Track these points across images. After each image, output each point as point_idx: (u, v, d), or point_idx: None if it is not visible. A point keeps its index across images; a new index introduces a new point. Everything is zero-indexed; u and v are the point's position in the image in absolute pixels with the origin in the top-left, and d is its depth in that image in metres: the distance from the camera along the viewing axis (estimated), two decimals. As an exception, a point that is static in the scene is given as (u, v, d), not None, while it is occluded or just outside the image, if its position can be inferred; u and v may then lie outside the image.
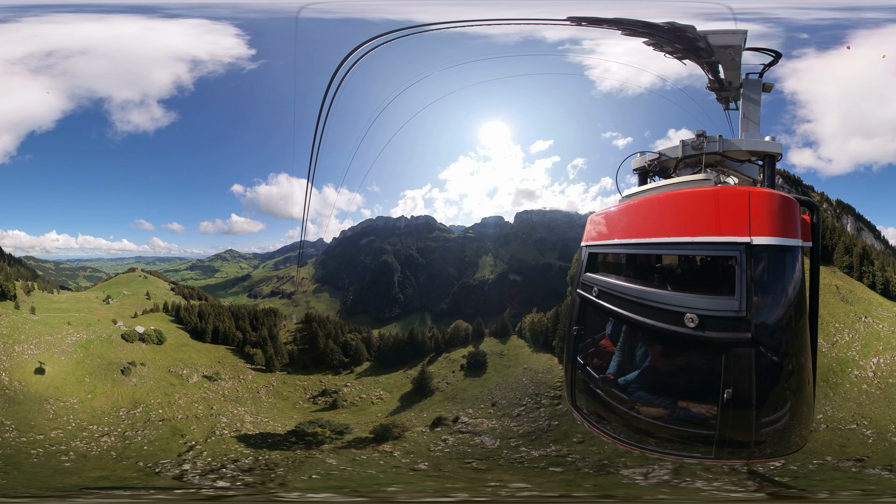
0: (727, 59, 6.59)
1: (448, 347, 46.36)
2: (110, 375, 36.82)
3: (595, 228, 6.71)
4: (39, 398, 32.40)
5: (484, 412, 35.15)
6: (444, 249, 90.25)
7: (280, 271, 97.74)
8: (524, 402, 35.62)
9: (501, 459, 27.39)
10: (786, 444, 4.96)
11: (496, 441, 30.16)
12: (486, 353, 43.81)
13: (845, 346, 35.64)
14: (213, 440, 31.43)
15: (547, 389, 36.41)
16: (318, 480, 24.05)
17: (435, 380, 41.59)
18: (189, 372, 40.75)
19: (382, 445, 29.64)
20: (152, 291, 58.70)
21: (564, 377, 7.20)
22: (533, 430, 31.65)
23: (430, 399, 38.95)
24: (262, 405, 38.24)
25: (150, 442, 30.41)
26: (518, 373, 40.29)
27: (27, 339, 37.35)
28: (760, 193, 4.88)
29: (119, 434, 30.84)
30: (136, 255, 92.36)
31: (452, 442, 30.60)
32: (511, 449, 28.92)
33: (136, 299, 55.65)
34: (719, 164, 6.62)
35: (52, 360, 36.21)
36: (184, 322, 48.76)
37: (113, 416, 33.03)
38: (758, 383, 4.70)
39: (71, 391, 34.12)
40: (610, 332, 6.48)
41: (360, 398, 40.16)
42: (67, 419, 31.38)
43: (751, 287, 4.68)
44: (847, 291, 40.40)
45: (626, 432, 5.91)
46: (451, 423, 33.12)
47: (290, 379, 43.35)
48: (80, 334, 40.72)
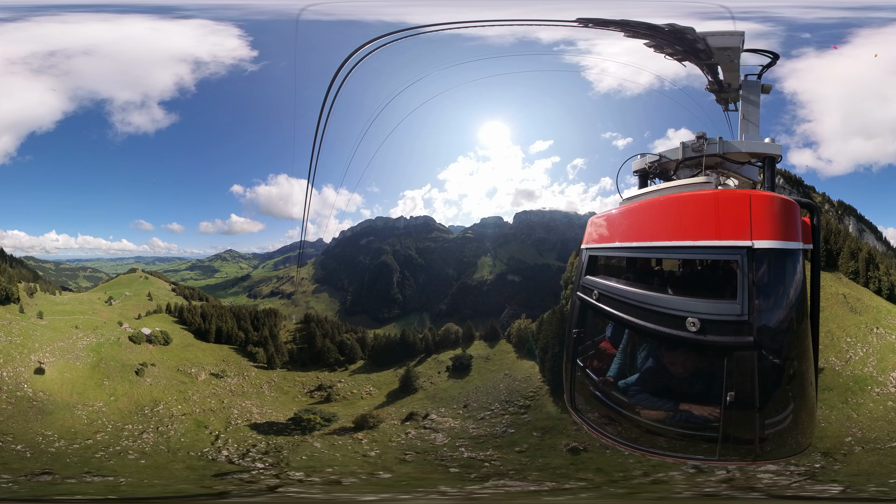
0: (726, 60, 6.59)
1: (438, 349, 47.68)
2: (126, 377, 39.09)
3: (595, 231, 6.70)
4: (67, 405, 34.22)
5: (454, 412, 37.19)
6: (443, 250, 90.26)
7: (280, 271, 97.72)
8: (493, 407, 37.37)
9: (433, 457, 30.43)
10: (790, 446, 4.96)
11: (446, 439, 32.77)
12: (472, 357, 45.35)
13: (860, 362, 34.85)
14: (231, 429, 35.40)
15: (518, 398, 38.01)
16: (304, 461, 28.70)
17: (420, 379, 43.37)
18: (197, 370, 43.10)
19: (358, 434, 33.80)
20: (153, 292, 59.25)
21: (564, 380, 7.19)
22: (486, 434, 33.85)
23: (412, 396, 40.97)
24: (266, 399, 40.77)
25: (183, 434, 34.15)
26: (498, 378, 41.78)
27: (41, 347, 38.63)
28: (761, 197, 4.88)
29: (154, 430, 34.07)
30: (135, 256, 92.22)
31: (412, 435, 33.70)
32: (452, 449, 31.50)
33: (139, 300, 56.39)
34: (719, 166, 6.61)
35: (69, 366, 37.75)
36: (187, 323, 50.37)
37: (139, 414, 35.67)
38: (760, 386, 4.70)
39: (94, 395, 36.17)
40: (610, 335, 6.47)
41: (351, 393, 42.32)
42: (102, 422, 33.74)
43: (752, 291, 4.68)
44: (854, 300, 39.87)
45: (626, 435, 5.91)
46: (420, 419, 35.84)
47: (290, 375, 45.52)
48: (90, 338, 42.22)
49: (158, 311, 52.67)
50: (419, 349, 48.01)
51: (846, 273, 43.26)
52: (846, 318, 38.22)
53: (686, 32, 6.29)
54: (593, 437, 6.50)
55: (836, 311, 38.80)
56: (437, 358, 46.56)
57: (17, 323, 40.74)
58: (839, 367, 34.54)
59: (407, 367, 44.40)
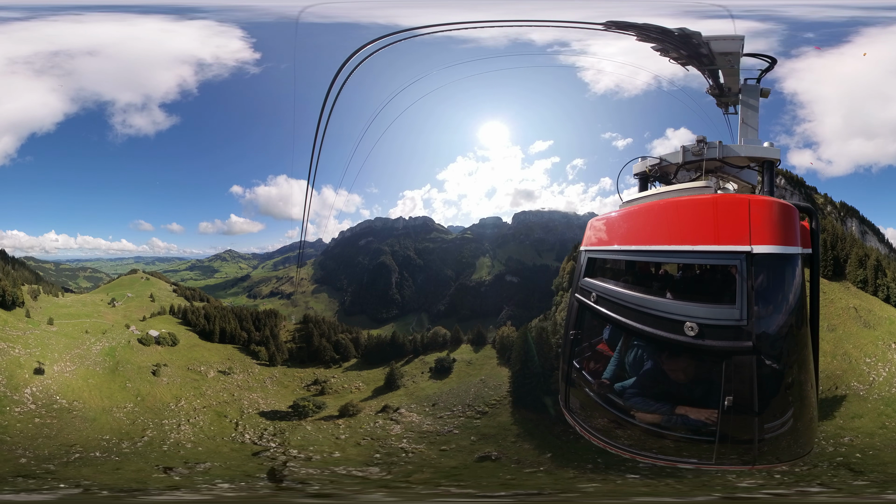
0: (727, 66, 6.61)
1: (426, 351, 50.29)
2: (145, 378, 42.24)
3: (595, 234, 6.69)
4: (103, 409, 36.83)
5: (421, 409, 40.39)
6: (441, 250, 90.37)
7: (279, 272, 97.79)
8: (455, 409, 39.94)
9: (379, 444, 35.25)
10: (789, 451, 4.95)
11: (399, 431, 37.00)
12: (455, 360, 47.82)
13: (885, 383, 34.41)
14: (245, 417, 40.23)
15: (481, 404, 40.16)
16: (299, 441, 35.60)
17: (404, 378, 46.46)
18: (206, 369, 46.48)
19: (339, 420, 39.11)
20: (155, 293, 60.42)
21: (559, 381, 7.18)
22: (432, 431, 36.97)
23: (394, 392, 44.27)
24: (269, 392, 44.97)
25: (210, 424, 38.47)
26: (473, 382, 43.90)
27: (60, 356, 40.67)
28: (760, 202, 4.88)
29: (186, 422, 38.03)
30: (135, 256, 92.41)
31: (377, 425, 38.20)
32: (397, 439, 35.80)
33: (141, 302, 57.83)
34: (719, 170, 6.62)
35: (91, 372, 40.16)
36: (191, 324, 52.79)
37: (167, 410, 39.16)
38: (759, 392, 4.70)
39: (122, 398, 39.06)
40: (607, 338, 6.47)
41: (342, 387, 46.22)
42: (143, 421, 37.03)
43: (752, 296, 4.67)
44: (866, 312, 39.53)
45: (620, 438, 5.89)
46: (391, 412, 39.81)
47: (290, 371, 49.07)
48: (102, 342, 44.79)
49: (162, 313, 54.50)
50: (408, 350, 50.73)
51: (854, 282, 42.48)
52: (861, 336, 37.75)
53: (693, 37, 6.31)
54: (586, 438, 6.49)
55: (850, 328, 38.33)
56: (424, 359, 49.15)
57: (30, 332, 42.52)
58: (864, 392, 34.05)
59: (391, 366, 47.05)
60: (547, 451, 32.80)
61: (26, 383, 36.52)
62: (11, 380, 36.28)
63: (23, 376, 36.95)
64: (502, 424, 36.97)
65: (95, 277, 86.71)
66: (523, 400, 38.74)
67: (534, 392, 38.65)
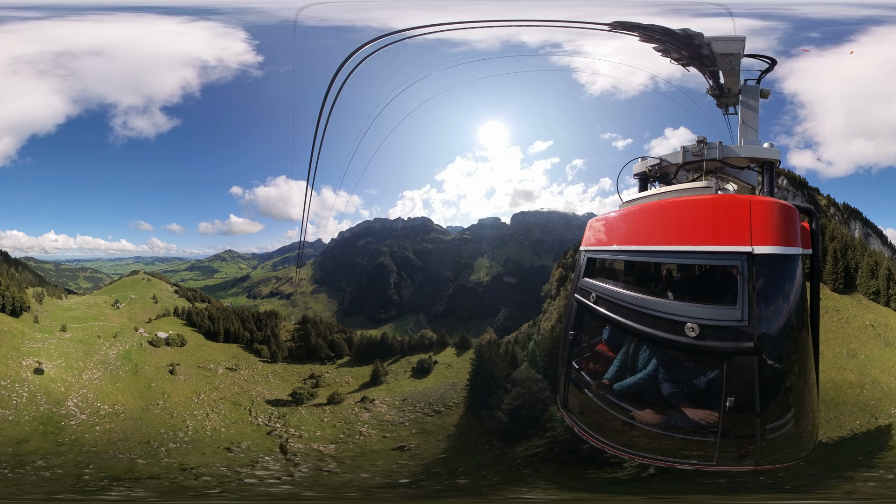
0: (727, 67, 6.61)
1: (412, 352, 54.19)
2: (164, 377, 46.12)
3: (595, 234, 6.66)
4: (142, 409, 40.61)
5: (392, 403, 44.95)
6: (440, 251, 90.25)
7: (279, 272, 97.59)
8: (418, 406, 43.95)
9: (343, 425, 41.47)
10: (790, 451, 4.94)
11: (367, 418, 42.52)
12: (437, 362, 51.60)
13: None
14: (256, 404, 45.42)
15: (440, 404, 43.63)
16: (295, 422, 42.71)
17: (388, 375, 51.04)
18: (215, 366, 50.56)
19: (326, 407, 45.06)
20: (157, 294, 61.72)
21: (558, 381, 7.14)
22: (388, 421, 41.89)
23: (377, 387, 48.83)
24: (272, 385, 49.55)
25: (229, 412, 43.56)
26: (446, 385, 47.11)
27: (84, 364, 43.80)
28: (761, 203, 4.86)
29: (211, 411, 43.01)
30: (135, 256, 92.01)
31: (353, 412, 43.58)
32: (360, 425, 41.58)
33: (144, 303, 59.59)
34: (719, 171, 6.60)
35: (115, 377, 43.44)
36: (196, 325, 56.26)
37: (192, 403, 43.75)
38: (761, 392, 4.68)
39: (151, 397, 42.84)
40: (607, 338, 6.44)
41: (334, 381, 50.72)
42: (179, 416, 41.20)
43: (753, 297, 4.66)
44: (884, 328, 38.14)
45: (619, 438, 5.87)
46: (367, 403, 44.99)
47: (289, 368, 52.96)
48: (116, 346, 47.89)
49: (166, 315, 57.38)
50: (396, 350, 54.77)
51: (866, 294, 40.84)
52: (885, 357, 36.42)
53: (695, 38, 6.30)
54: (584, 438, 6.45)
55: (871, 350, 37.03)
56: (409, 359, 53.07)
57: (49, 341, 44.94)
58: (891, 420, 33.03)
59: (375, 364, 51.47)
60: (452, 453, 36.67)
61: (65, 396, 39.02)
62: (51, 395, 38.52)
63: (59, 390, 39.33)
64: (444, 424, 40.66)
65: (95, 278, 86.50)
66: (474, 406, 41.10)
67: (483, 400, 40.73)
